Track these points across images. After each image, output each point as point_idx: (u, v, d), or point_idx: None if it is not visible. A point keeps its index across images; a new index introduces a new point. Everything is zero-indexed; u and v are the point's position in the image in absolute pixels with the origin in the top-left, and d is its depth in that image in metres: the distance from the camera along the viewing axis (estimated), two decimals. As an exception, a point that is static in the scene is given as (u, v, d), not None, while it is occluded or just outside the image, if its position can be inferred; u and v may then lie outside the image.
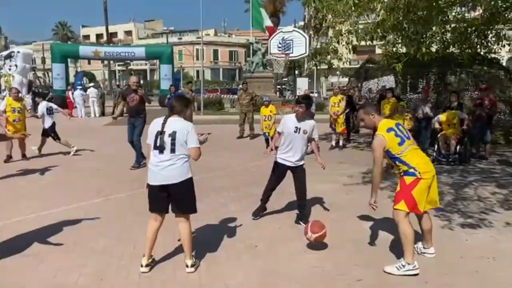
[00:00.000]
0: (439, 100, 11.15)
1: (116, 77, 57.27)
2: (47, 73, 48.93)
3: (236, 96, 18.54)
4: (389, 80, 13.16)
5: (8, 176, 7.21)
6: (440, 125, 8.45)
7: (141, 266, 3.50)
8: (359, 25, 8.49)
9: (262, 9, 23.57)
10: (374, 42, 8.09)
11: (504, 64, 16.05)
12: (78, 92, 19.80)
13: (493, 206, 5.35)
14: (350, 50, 8.88)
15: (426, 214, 3.64)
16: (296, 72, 45.20)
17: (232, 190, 6.24)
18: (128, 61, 47.95)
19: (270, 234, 4.44)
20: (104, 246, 4.05)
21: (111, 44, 39.27)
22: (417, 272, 3.37)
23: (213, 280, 3.39)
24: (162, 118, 3.47)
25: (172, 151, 3.35)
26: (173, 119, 3.43)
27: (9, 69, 24.37)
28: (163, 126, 3.38)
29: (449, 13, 7.97)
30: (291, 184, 4.83)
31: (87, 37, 70.75)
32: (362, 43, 8.27)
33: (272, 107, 10.28)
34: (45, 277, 3.41)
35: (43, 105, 9.13)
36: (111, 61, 41.05)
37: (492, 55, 10.58)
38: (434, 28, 7.72)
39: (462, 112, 8.60)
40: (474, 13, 8.57)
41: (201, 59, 28.11)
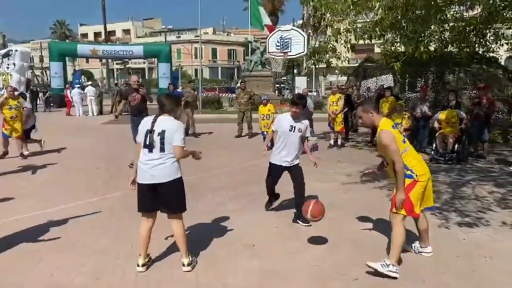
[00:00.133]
0: (438, 99, 11.16)
1: (114, 76, 57.16)
2: (45, 71, 48.91)
3: (234, 95, 18.53)
4: (388, 79, 13.15)
5: (4, 173, 7.21)
6: (439, 124, 8.45)
7: (138, 265, 3.49)
8: (358, 24, 8.49)
9: (261, 7, 23.51)
10: (372, 41, 8.10)
11: (502, 63, 16.05)
12: (76, 91, 19.72)
13: (490, 205, 5.36)
14: (349, 49, 8.89)
15: (422, 214, 3.64)
16: (295, 71, 45.18)
17: (231, 189, 6.23)
18: (126, 60, 47.94)
19: (267, 233, 4.43)
20: (101, 245, 4.04)
21: (109, 42, 39.20)
22: (398, 275, 3.33)
23: (210, 279, 3.39)
24: (153, 116, 3.44)
25: (162, 150, 3.33)
26: (163, 118, 3.41)
27: (7, 68, 24.30)
28: (153, 125, 3.36)
29: (448, 12, 7.95)
30: (289, 183, 4.82)
31: (85, 35, 70.66)
32: (361, 42, 8.28)
33: (270, 106, 10.30)
34: (41, 276, 3.40)
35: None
36: (109, 60, 40.97)
37: (491, 54, 10.58)
38: (432, 27, 7.70)
39: (461, 111, 8.61)
40: (472, 12, 8.56)
41: (199, 58, 28.14)
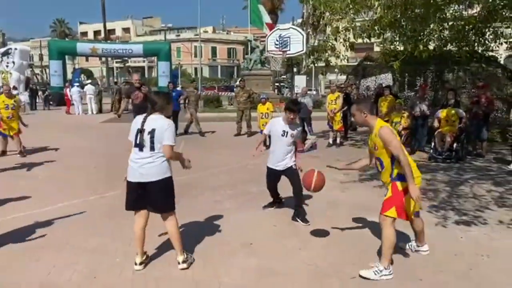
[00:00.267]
0: (437, 97, 11.16)
1: (114, 74, 57.14)
2: (45, 70, 48.84)
3: (233, 93, 18.52)
4: (387, 78, 13.14)
5: (3, 171, 7.21)
6: (439, 123, 8.45)
7: (135, 264, 3.50)
8: (357, 23, 8.48)
9: (261, 6, 23.50)
10: (371, 39, 8.10)
11: (502, 62, 16.04)
12: (75, 89, 19.70)
13: (488, 203, 5.37)
14: (348, 48, 8.88)
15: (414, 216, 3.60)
16: (295, 69, 45.16)
17: (229, 188, 6.22)
18: (126, 58, 47.86)
19: (265, 231, 4.44)
20: (99, 244, 4.04)
21: (108, 41, 39.14)
22: (392, 276, 3.33)
23: (208, 277, 3.39)
24: (143, 115, 3.41)
25: (152, 149, 3.32)
26: (153, 116, 3.38)
27: (7, 66, 24.32)
28: (143, 124, 3.34)
29: (447, 11, 7.93)
30: (286, 181, 4.82)
31: (85, 34, 70.53)
32: (360, 40, 8.27)
33: (269, 105, 10.30)
34: (38, 275, 3.40)
35: None
36: (109, 58, 40.93)
37: (490, 53, 10.58)
38: (431, 26, 7.68)
39: (461, 110, 8.60)
40: (471, 11, 8.55)
41: (199, 57, 28.13)
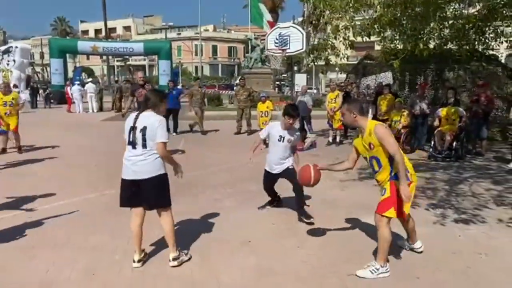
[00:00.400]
0: (437, 96, 11.15)
1: (115, 73, 57.10)
2: (46, 68, 48.91)
3: (234, 92, 18.53)
4: (387, 77, 13.11)
5: (3, 169, 7.22)
6: (439, 121, 8.43)
7: (134, 261, 3.51)
8: (356, 21, 8.47)
9: (261, 4, 23.44)
10: (371, 38, 8.08)
11: (502, 60, 16.01)
12: (76, 87, 19.72)
13: (487, 202, 5.37)
14: (348, 46, 8.86)
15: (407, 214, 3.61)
16: (295, 68, 45.09)
17: (229, 186, 6.24)
18: (126, 57, 47.85)
19: (263, 230, 4.44)
20: (98, 242, 4.06)
21: (109, 39, 39.11)
22: (389, 274, 3.33)
23: (206, 276, 3.40)
24: (136, 113, 3.41)
25: (144, 147, 3.32)
26: (146, 114, 3.37)
27: (7, 64, 24.32)
28: (135, 122, 3.33)
29: (447, 9, 7.92)
30: (285, 180, 4.83)
31: (85, 32, 70.52)
32: (360, 39, 8.26)
33: (269, 103, 10.31)
34: (37, 272, 3.41)
35: None
36: (110, 57, 40.90)
37: (490, 51, 10.56)
38: (431, 24, 7.66)
39: (461, 109, 8.59)
40: (471, 10, 8.54)
41: (199, 55, 28.10)
